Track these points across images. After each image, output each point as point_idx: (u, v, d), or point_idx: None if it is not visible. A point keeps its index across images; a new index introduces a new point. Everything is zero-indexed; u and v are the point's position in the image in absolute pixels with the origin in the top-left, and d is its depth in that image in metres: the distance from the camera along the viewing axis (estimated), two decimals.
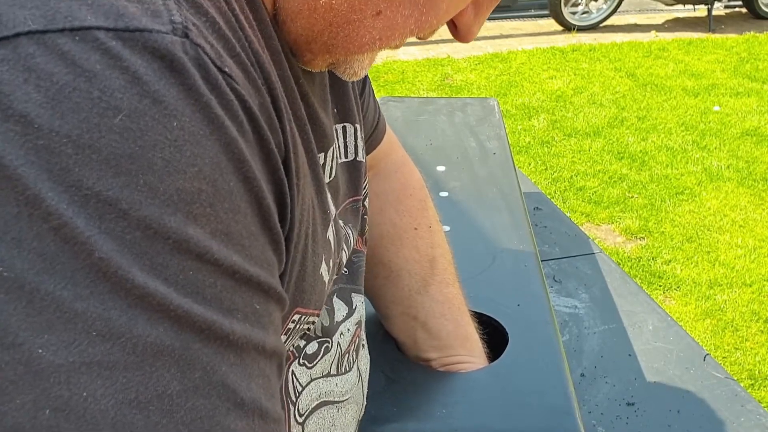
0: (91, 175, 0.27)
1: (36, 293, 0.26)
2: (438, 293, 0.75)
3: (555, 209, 1.42)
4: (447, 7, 0.43)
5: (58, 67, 0.27)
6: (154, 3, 0.30)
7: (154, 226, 0.28)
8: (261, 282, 0.33)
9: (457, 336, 0.74)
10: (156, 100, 0.29)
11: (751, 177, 3.38)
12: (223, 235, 0.31)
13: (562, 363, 0.73)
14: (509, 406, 0.68)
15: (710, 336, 2.31)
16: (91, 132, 0.27)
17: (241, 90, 0.33)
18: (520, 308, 0.81)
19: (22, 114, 0.27)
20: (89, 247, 0.27)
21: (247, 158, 0.32)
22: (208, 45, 0.31)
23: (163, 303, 0.28)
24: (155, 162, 0.28)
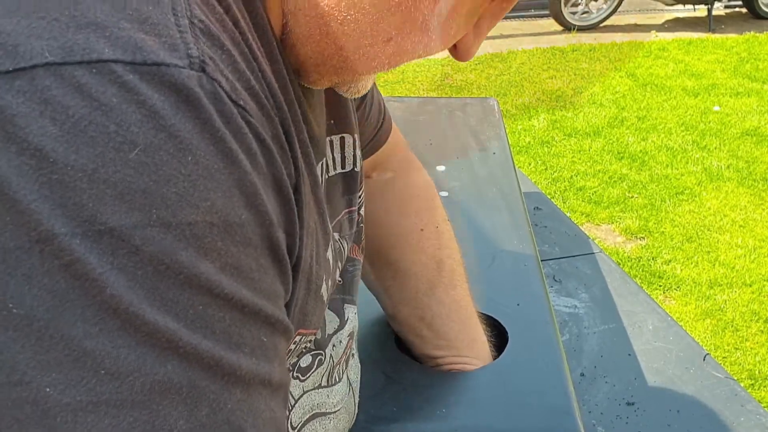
0: (105, 210, 0.27)
1: (45, 331, 0.26)
2: (444, 295, 0.75)
3: (555, 209, 1.42)
4: (455, 33, 0.43)
5: (75, 100, 0.27)
6: (172, 36, 0.30)
7: (166, 261, 0.28)
8: (268, 315, 0.33)
9: (464, 338, 0.74)
10: (171, 134, 0.28)
11: (751, 177, 3.38)
12: (233, 269, 0.31)
13: (561, 363, 0.73)
14: (509, 406, 0.68)
15: (710, 336, 2.31)
16: (106, 166, 0.27)
17: (255, 123, 0.33)
18: (519, 308, 0.82)
19: (38, 147, 0.26)
20: (101, 283, 0.27)
21: (260, 192, 0.32)
22: (223, 78, 0.31)
23: (173, 339, 0.28)
24: (169, 196, 0.28)
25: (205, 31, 0.31)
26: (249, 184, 0.32)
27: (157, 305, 0.28)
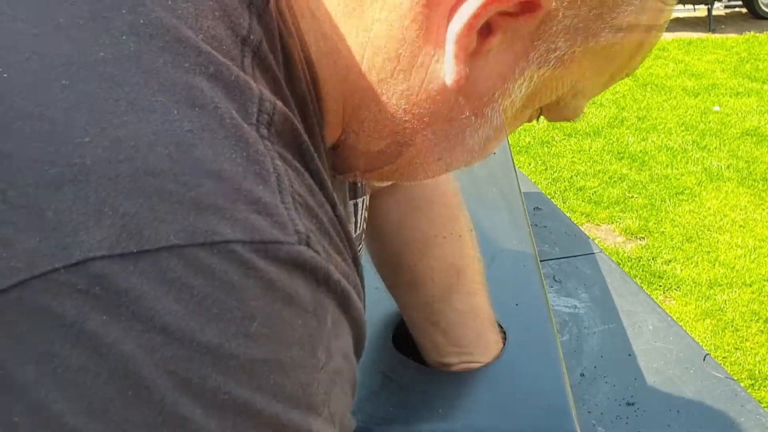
0: (228, 380, 0.28)
1: None
2: (460, 303, 0.75)
3: (555, 209, 1.42)
4: (493, 149, 0.48)
5: (198, 280, 0.28)
6: (281, 215, 0.32)
7: (284, 421, 0.30)
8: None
9: (478, 344, 0.75)
10: (285, 302, 0.30)
11: (751, 177, 3.38)
12: (332, 416, 0.33)
13: (559, 362, 0.73)
14: (506, 406, 0.68)
15: (710, 336, 2.31)
16: (229, 342, 0.28)
17: (341, 279, 0.35)
18: (518, 307, 0.81)
19: (163, 326, 0.27)
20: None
21: (349, 338, 0.36)
22: (321, 248, 0.34)
23: None
24: (284, 361, 0.30)
25: (303, 204, 0.34)
26: (343, 335, 0.35)
27: None
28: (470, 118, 0.43)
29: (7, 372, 0.27)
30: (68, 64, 0.30)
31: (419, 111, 0.42)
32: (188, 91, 0.31)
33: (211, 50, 0.33)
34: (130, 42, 0.31)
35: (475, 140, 0.44)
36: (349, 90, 0.43)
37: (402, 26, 0.40)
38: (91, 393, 0.27)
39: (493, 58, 0.40)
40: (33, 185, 0.28)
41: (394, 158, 0.45)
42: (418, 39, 0.40)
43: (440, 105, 0.42)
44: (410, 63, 0.41)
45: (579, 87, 0.44)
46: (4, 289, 0.27)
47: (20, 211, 0.28)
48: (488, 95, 0.42)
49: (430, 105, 0.42)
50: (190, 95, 0.31)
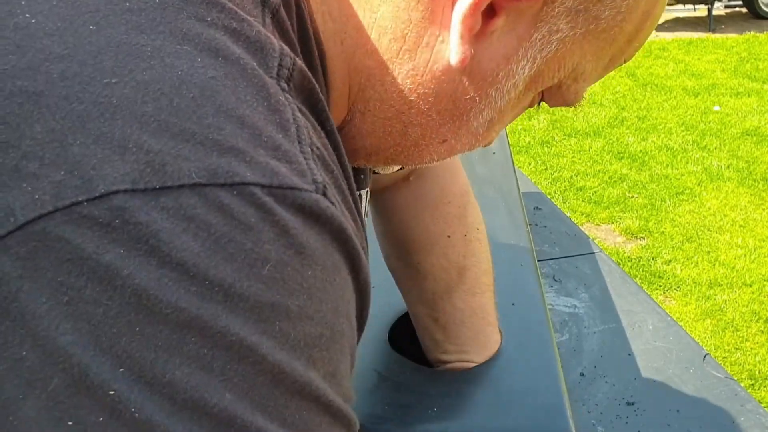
0: (237, 321, 0.28)
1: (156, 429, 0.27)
2: (461, 301, 0.75)
3: (555, 209, 1.42)
4: (496, 133, 0.48)
5: (217, 219, 0.29)
6: (300, 163, 0.32)
7: (286, 370, 0.30)
8: (350, 418, 0.35)
9: (475, 343, 0.75)
10: (298, 251, 0.31)
11: (751, 177, 3.38)
12: (330, 377, 0.33)
13: (555, 362, 0.73)
14: (501, 405, 0.68)
15: (710, 336, 2.30)
16: (241, 281, 0.29)
17: (354, 237, 0.35)
18: (514, 307, 0.81)
19: (179, 262, 0.28)
20: (220, 390, 0.28)
21: (353, 301, 0.35)
22: (336, 200, 0.34)
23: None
24: (291, 309, 0.30)
25: (320, 157, 0.34)
26: (348, 295, 0.35)
27: (268, 413, 0.29)
28: (474, 99, 0.43)
29: (21, 304, 0.27)
30: (95, 11, 0.31)
31: (424, 91, 0.43)
32: (212, 42, 0.32)
33: (233, 6, 0.34)
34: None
35: (479, 122, 0.45)
36: (355, 69, 0.43)
37: (408, 7, 0.41)
38: (101, 326, 0.27)
39: (496, 39, 0.41)
40: (60, 121, 0.29)
41: (399, 139, 0.45)
42: (423, 20, 0.41)
43: (445, 85, 0.43)
44: (416, 43, 0.41)
45: (580, 70, 0.45)
46: (29, 221, 0.27)
47: (47, 146, 0.28)
48: (492, 76, 0.43)
49: (435, 85, 0.43)
50: (213, 46, 0.32)
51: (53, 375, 0.27)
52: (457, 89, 0.43)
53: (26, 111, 0.29)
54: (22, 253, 0.27)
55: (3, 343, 0.27)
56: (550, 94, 0.48)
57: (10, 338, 0.27)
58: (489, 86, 0.43)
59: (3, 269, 0.27)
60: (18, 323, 0.27)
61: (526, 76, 0.43)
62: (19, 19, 0.31)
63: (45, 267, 0.27)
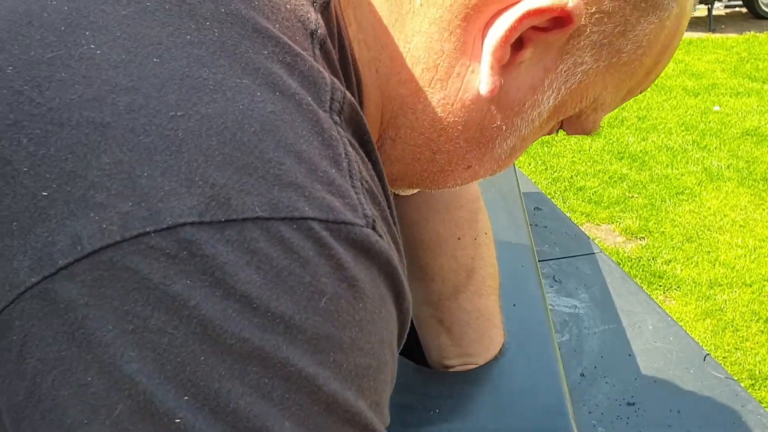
0: (296, 352, 0.29)
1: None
2: (467, 302, 0.76)
3: (555, 209, 1.42)
4: (516, 158, 0.49)
5: (277, 252, 0.29)
6: (351, 198, 0.33)
7: (339, 400, 0.31)
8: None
9: (480, 345, 0.75)
10: (351, 284, 0.32)
11: (751, 177, 3.38)
12: (375, 406, 0.34)
13: (556, 363, 0.73)
14: (502, 406, 0.68)
15: (710, 336, 2.30)
16: (300, 313, 0.29)
17: (399, 268, 0.36)
18: (515, 308, 0.81)
19: (243, 294, 0.28)
20: (280, 420, 0.29)
21: (396, 331, 0.36)
22: (384, 233, 0.35)
23: None
24: (344, 341, 0.31)
25: (369, 191, 0.36)
26: (392, 327, 0.36)
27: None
28: (501, 127, 0.45)
29: (87, 331, 0.27)
30: (158, 44, 0.32)
31: (454, 119, 0.44)
32: (269, 77, 0.33)
33: (287, 40, 0.35)
34: (213, 28, 0.33)
35: (503, 149, 0.47)
36: (388, 97, 0.45)
37: (441, 38, 0.42)
38: (166, 355, 0.27)
39: (524, 70, 0.43)
40: (127, 152, 0.29)
41: (426, 165, 0.47)
42: (455, 51, 0.42)
43: (474, 114, 0.44)
44: (447, 73, 0.43)
45: (600, 101, 0.46)
46: (96, 251, 0.28)
47: (114, 177, 0.29)
48: (519, 105, 0.44)
49: (464, 113, 0.44)
50: (270, 80, 0.33)
51: (118, 401, 0.27)
52: (485, 118, 0.44)
53: (93, 141, 0.29)
54: (88, 281, 0.28)
55: (68, 368, 0.27)
56: (570, 122, 0.49)
57: (75, 364, 0.27)
58: (515, 115, 0.44)
59: (70, 296, 0.27)
60: (84, 349, 0.27)
61: (550, 106, 0.44)
62: (84, 49, 0.31)
63: (111, 295, 0.27)
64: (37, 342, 0.28)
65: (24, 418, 0.28)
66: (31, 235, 0.28)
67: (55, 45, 0.31)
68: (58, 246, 0.28)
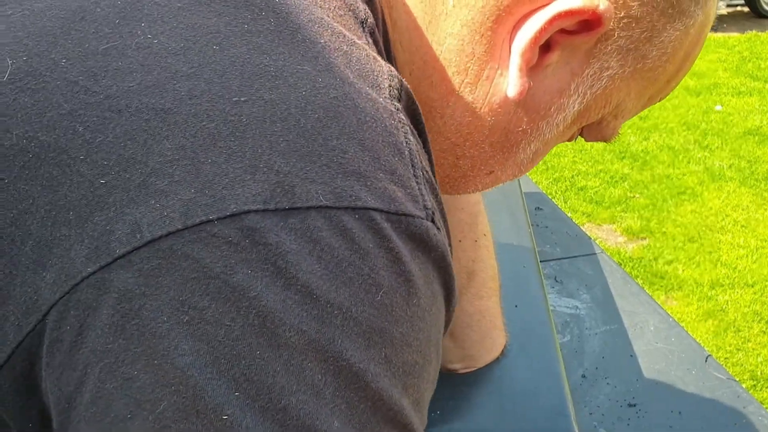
0: (350, 346, 0.29)
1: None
2: (469, 305, 0.76)
3: (556, 209, 1.42)
4: (536, 164, 0.50)
5: (339, 242, 0.29)
6: (413, 188, 0.33)
7: (384, 397, 0.30)
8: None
9: (482, 347, 0.75)
10: (407, 279, 0.31)
11: (753, 177, 3.37)
12: (416, 405, 0.33)
13: (558, 364, 0.73)
14: (504, 407, 0.68)
15: (712, 337, 2.30)
16: (357, 305, 0.29)
17: (450, 259, 0.35)
18: (517, 309, 0.81)
19: (304, 284, 0.28)
20: (329, 418, 0.28)
21: (442, 330, 0.36)
22: (441, 225, 0.35)
23: None
24: (395, 336, 0.31)
25: (428, 181, 0.35)
26: (440, 322, 0.35)
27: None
28: (526, 131, 0.45)
29: (141, 321, 0.27)
30: (216, 32, 0.32)
31: (480, 124, 0.44)
32: (328, 64, 0.33)
33: (341, 29, 0.35)
34: (269, 18, 0.33)
35: (526, 154, 0.46)
36: (419, 101, 0.44)
37: (473, 41, 0.42)
38: (221, 348, 0.27)
39: (551, 73, 0.42)
40: (190, 138, 0.29)
41: (449, 170, 0.46)
42: (485, 54, 0.42)
43: (500, 117, 0.44)
44: (477, 76, 0.42)
45: (622, 107, 0.46)
46: (156, 239, 0.27)
47: (177, 163, 0.28)
48: (545, 109, 0.44)
49: (491, 117, 0.44)
50: (330, 67, 0.33)
51: (163, 397, 0.27)
52: (511, 121, 0.44)
53: (154, 127, 0.29)
54: (146, 270, 0.27)
55: (115, 360, 0.27)
56: (590, 129, 0.49)
57: (122, 356, 0.27)
58: (541, 119, 0.44)
59: (126, 286, 0.27)
60: (133, 342, 0.27)
61: (575, 110, 0.44)
62: (140, 39, 0.31)
63: (168, 285, 0.27)
64: (90, 332, 0.27)
65: (73, 408, 0.28)
66: (89, 224, 0.28)
67: (110, 36, 0.31)
68: (116, 234, 0.27)
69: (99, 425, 0.27)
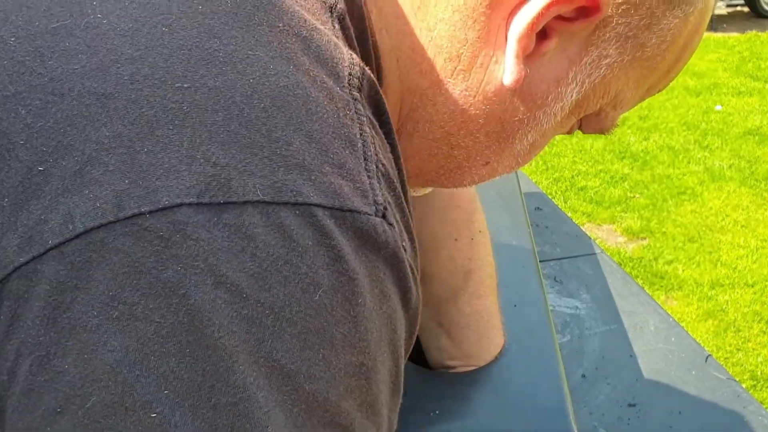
0: (282, 347, 0.28)
1: None
2: (466, 304, 0.75)
3: (556, 209, 1.41)
4: (534, 157, 0.48)
5: (275, 239, 0.28)
6: (362, 182, 0.31)
7: (319, 399, 0.29)
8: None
9: (480, 347, 0.75)
10: (350, 278, 0.30)
11: (753, 177, 3.37)
12: (369, 407, 0.32)
13: (557, 364, 0.72)
14: (503, 407, 0.68)
15: (712, 337, 2.30)
16: (291, 306, 0.28)
17: (410, 260, 0.34)
18: (516, 308, 0.81)
19: (234, 283, 0.27)
20: (262, 423, 0.27)
21: (400, 329, 0.34)
22: (395, 222, 0.33)
23: None
24: (336, 337, 0.29)
25: (384, 175, 0.33)
26: (395, 323, 0.33)
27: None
28: (523, 121, 0.43)
29: (73, 315, 0.26)
30: (167, 13, 0.31)
31: (475, 112, 0.42)
32: (284, 50, 0.31)
33: (304, 13, 0.34)
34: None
35: (522, 145, 0.45)
36: (408, 89, 0.43)
37: (465, 26, 0.40)
38: (150, 345, 0.26)
39: (548, 61, 0.41)
40: (128, 126, 0.28)
41: (443, 161, 0.45)
42: (479, 40, 0.40)
43: (496, 106, 0.42)
44: (470, 63, 0.41)
45: (620, 97, 0.45)
46: (88, 231, 0.26)
47: (113, 151, 0.27)
48: (542, 98, 0.42)
49: (486, 106, 0.42)
50: (285, 54, 0.31)
51: (93, 392, 0.26)
52: (506, 110, 0.43)
53: (93, 113, 0.28)
54: (77, 262, 0.26)
55: (45, 354, 0.26)
56: (588, 120, 0.48)
57: (53, 349, 0.26)
58: (538, 109, 0.43)
59: (58, 278, 0.26)
60: (64, 335, 0.26)
61: (573, 100, 0.43)
62: (90, 18, 0.30)
63: (99, 279, 0.26)
64: (21, 323, 0.27)
65: (8, 397, 0.27)
66: (23, 212, 0.27)
67: (60, 15, 0.30)
68: (49, 224, 0.27)
69: (31, 417, 0.27)
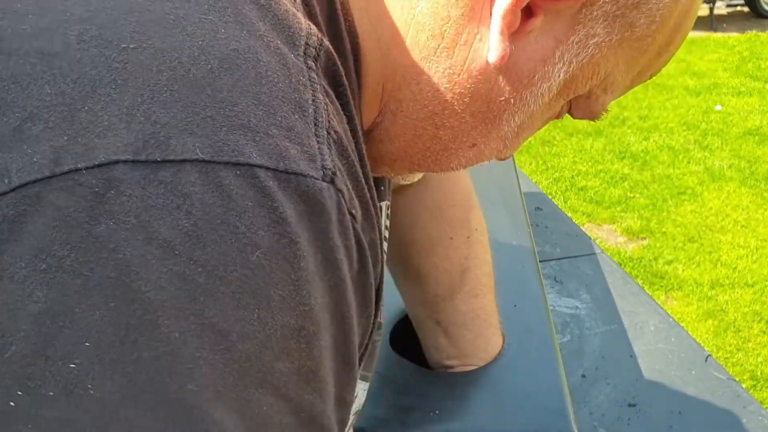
0: (215, 305, 0.27)
1: (114, 418, 0.26)
2: (462, 303, 0.75)
3: (556, 209, 1.42)
4: (523, 141, 0.48)
5: (213, 198, 0.28)
6: (311, 147, 0.31)
7: (252, 358, 0.29)
8: (323, 425, 0.33)
9: (476, 346, 0.74)
10: (292, 241, 0.29)
11: (753, 177, 3.37)
12: (308, 372, 0.31)
13: (557, 364, 0.72)
14: (503, 407, 0.68)
15: (712, 337, 2.30)
16: (226, 265, 0.28)
17: (361, 231, 0.34)
18: (516, 309, 0.81)
19: (166, 240, 0.27)
20: (183, 379, 0.27)
21: (350, 299, 0.34)
22: (345, 189, 0.33)
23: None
24: (273, 298, 0.29)
25: (337, 142, 0.33)
26: (342, 292, 0.33)
27: (228, 405, 0.28)
28: (509, 101, 0.43)
29: (2, 266, 0.26)
30: None
31: (460, 90, 0.42)
32: (238, 15, 0.31)
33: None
34: None
35: (510, 126, 0.44)
36: (390, 68, 0.42)
37: (448, 3, 0.40)
38: (75, 298, 0.26)
39: (534, 39, 0.41)
40: (70, 84, 0.28)
41: (428, 143, 0.44)
42: (462, 17, 0.40)
43: (481, 85, 0.42)
44: (454, 41, 0.41)
45: (610, 80, 0.45)
46: (23, 185, 0.27)
47: (54, 109, 0.28)
48: (528, 78, 0.42)
49: (471, 84, 0.42)
50: (239, 19, 0.31)
51: (13, 342, 0.26)
52: (492, 90, 0.42)
53: (38, 72, 0.28)
54: (10, 215, 0.27)
55: None
56: (578, 104, 0.47)
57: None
58: (524, 88, 0.42)
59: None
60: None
61: (560, 80, 0.43)
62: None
63: (30, 232, 0.26)
64: None
65: None
66: None
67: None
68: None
69: None
